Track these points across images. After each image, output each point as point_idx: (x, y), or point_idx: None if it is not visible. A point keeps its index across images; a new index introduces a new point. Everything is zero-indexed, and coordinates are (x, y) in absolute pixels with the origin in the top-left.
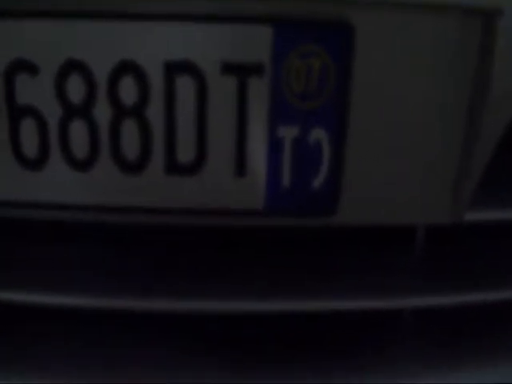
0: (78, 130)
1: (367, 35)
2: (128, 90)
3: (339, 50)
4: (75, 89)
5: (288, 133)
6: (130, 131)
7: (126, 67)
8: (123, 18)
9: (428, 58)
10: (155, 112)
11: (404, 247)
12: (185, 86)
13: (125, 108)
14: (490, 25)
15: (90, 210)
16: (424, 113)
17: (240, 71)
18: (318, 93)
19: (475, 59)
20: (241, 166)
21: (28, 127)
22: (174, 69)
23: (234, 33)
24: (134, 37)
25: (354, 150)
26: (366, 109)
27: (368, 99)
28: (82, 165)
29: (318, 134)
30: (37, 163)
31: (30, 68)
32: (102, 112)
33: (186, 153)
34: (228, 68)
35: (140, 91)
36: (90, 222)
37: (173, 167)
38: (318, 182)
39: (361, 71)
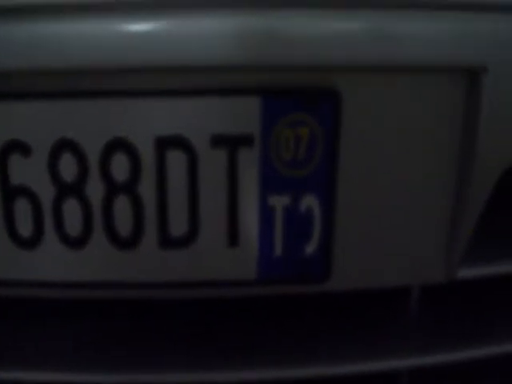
0: (72, 209)
1: (353, 100)
2: (120, 167)
3: (326, 116)
4: (68, 168)
5: (279, 201)
6: (122, 207)
7: (117, 144)
8: (113, 96)
9: (414, 119)
10: (147, 188)
11: (398, 306)
12: (175, 161)
13: (117, 185)
14: (475, 82)
15: (84, 287)
16: (412, 175)
17: (229, 143)
18: (307, 160)
19: (462, 118)
20: (233, 236)
21: (22, 207)
22: (164, 144)
23: (221, 105)
24: (124, 114)
25: (344, 215)
26: (354, 173)
27: (356, 163)
28: (76, 242)
29: (309, 201)
30: (31, 242)
31: (23, 148)
32: (95, 189)
33: (178, 227)
34: (218, 141)
35: (131, 168)
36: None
37: (166, 241)
38: (310, 249)
39: (348, 136)
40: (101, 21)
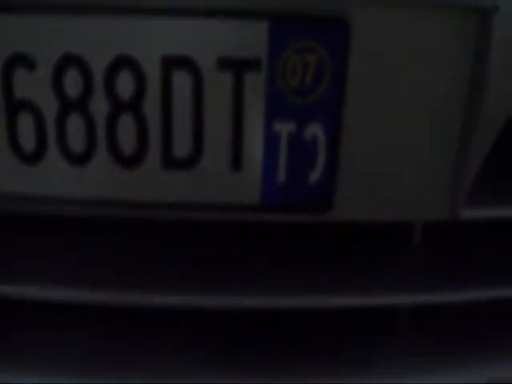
0: (75, 125)
1: (363, 32)
2: (125, 85)
3: (335, 45)
4: (72, 83)
5: (284, 128)
6: (126, 125)
7: (122, 62)
8: (120, 13)
9: (424, 55)
10: (152, 107)
11: (401, 244)
12: (181, 81)
13: (121, 102)
14: (486, 22)
15: (86, 204)
16: (420, 109)
17: (236, 66)
18: (313, 88)
19: (472, 56)
20: (237, 160)
21: (25, 121)
22: (170, 64)
23: (230, 28)
24: (131, 32)
25: (349, 145)
26: (361, 105)
27: (363, 95)
28: (79, 159)
29: (314, 130)
30: (34, 157)
31: (28, 62)
32: (99, 106)
33: (182, 147)
34: (224, 63)
35: (137, 86)
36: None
37: (169, 161)
38: (313, 178)
39: (356, 67)
40: None
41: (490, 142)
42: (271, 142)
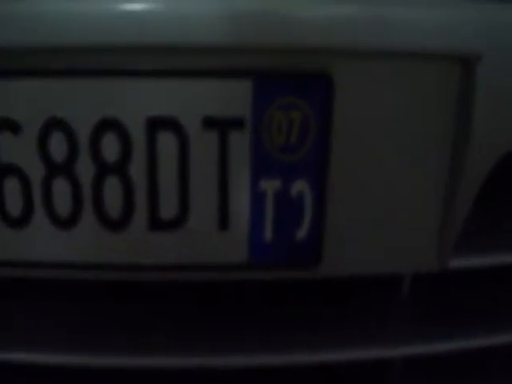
0: (61, 188)
1: (345, 85)
2: (110, 147)
3: (319, 101)
4: (57, 147)
5: (270, 185)
6: (112, 188)
7: (107, 124)
8: (104, 75)
9: (407, 105)
10: (137, 169)
11: (390, 295)
12: (167, 142)
13: (107, 165)
14: (469, 70)
15: (74, 268)
16: (405, 161)
17: (221, 126)
18: (299, 145)
19: (455, 106)
20: (223, 219)
21: (11, 185)
22: (155, 125)
23: (213, 87)
24: (115, 94)
25: (336, 200)
26: (346, 159)
27: (349, 149)
28: (66, 223)
29: (301, 187)
30: (20, 222)
31: (13, 126)
32: (85, 169)
33: (168, 209)
34: (209, 123)
35: (122, 148)
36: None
37: (156, 223)
38: (301, 234)
39: (341, 121)
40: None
41: (476, 192)
42: (258, 200)
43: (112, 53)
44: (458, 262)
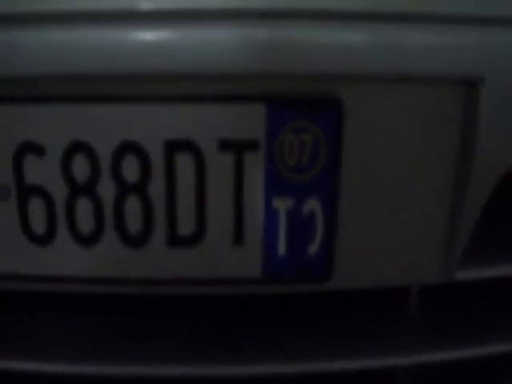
0: (84, 208)
1: (355, 108)
2: (130, 169)
3: (329, 123)
4: (80, 168)
5: (283, 204)
6: (132, 207)
7: (128, 147)
8: (123, 101)
9: (414, 127)
10: (156, 188)
11: (398, 306)
12: (184, 164)
13: (128, 185)
14: (473, 93)
15: (95, 283)
16: (412, 178)
17: (236, 148)
18: (310, 165)
19: (460, 126)
20: (238, 236)
21: (36, 205)
22: (173, 147)
23: (228, 112)
24: (135, 118)
25: (346, 218)
26: (356, 178)
27: (358, 169)
28: (88, 240)
29: (312, 205)
30: (44, 239)
31: (38, 150)
32: (106, 189)
33: (186, 226)
34: (225, 145)
35: (141, 169)
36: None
37: (174, 240)
38: (312, 250)
39: (351, 142)
40: (114, 29)
41: (481, 206)
42: (271, 217)
43: (131, 80)
44: (464, 274)
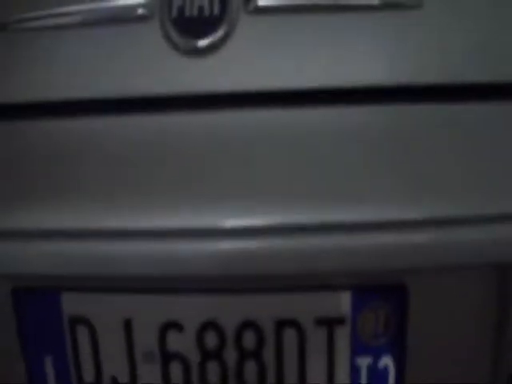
0: (213, 369)
1: (417, 293)
2: (249, 340)
3: (398, 303)
4: (210, 340)
5: (363, 362)
6: (250, 369)
7: (247, 324)
8: (248, 292)
9: (460, 307)
10: (269, 355)
11: None
12: (289, 336)
13: (247, 352)
14: (505, 276)
15: None
16: (461, 345)
17: (328, 323)
18: (384, 333)
19: (496, 307)
20: None
21: (175, 368)
22: (281, 324)
23: (325, 297)
24: (256, 303)
25: (412, 370)
26: (419, 343)
27: (421, 336)
28: None
29: (386, 361)
30: None
31: (178, 327)
32: (230, 355)
33: (290, 379)
34: (320, 322)
35: (257, 340)
36: None
37: None
38: None
39: (414, 317)
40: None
41: None
42: (355, 371)
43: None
44: None
